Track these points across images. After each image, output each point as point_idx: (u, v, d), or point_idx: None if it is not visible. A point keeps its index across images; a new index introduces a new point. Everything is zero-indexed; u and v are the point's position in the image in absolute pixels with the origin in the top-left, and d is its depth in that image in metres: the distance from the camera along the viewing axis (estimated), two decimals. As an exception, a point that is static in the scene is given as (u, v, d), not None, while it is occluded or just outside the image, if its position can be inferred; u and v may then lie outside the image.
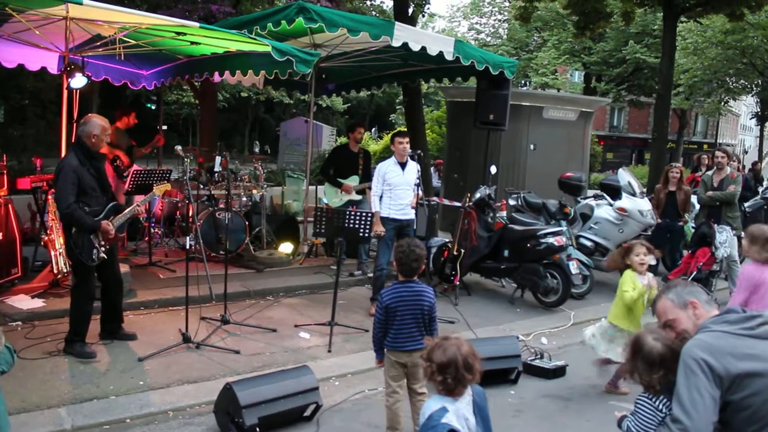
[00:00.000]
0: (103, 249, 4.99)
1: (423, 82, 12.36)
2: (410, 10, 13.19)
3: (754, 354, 2.31)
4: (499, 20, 33.97)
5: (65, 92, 6.04)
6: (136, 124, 8.59)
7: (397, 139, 6.73)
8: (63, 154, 5.47)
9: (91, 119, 5.08)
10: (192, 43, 6.49)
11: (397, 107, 34.43)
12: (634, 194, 8.26)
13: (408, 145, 6.70)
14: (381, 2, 17.88)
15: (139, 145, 8.54)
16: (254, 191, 8.51)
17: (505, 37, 32.86)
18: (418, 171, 6.69)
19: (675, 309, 2.61)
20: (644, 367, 2.51)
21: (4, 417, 3.00)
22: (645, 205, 8.16)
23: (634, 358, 2.56)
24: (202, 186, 8.28)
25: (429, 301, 3.82)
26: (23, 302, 5.89)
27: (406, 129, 12.70)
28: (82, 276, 5.07)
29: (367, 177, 8.12)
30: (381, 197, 6.64)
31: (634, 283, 4.73)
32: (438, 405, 2.45)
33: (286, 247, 8.31)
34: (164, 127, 9.45)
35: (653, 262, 5.12)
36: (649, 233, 8.29)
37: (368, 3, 16.49)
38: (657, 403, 2.49)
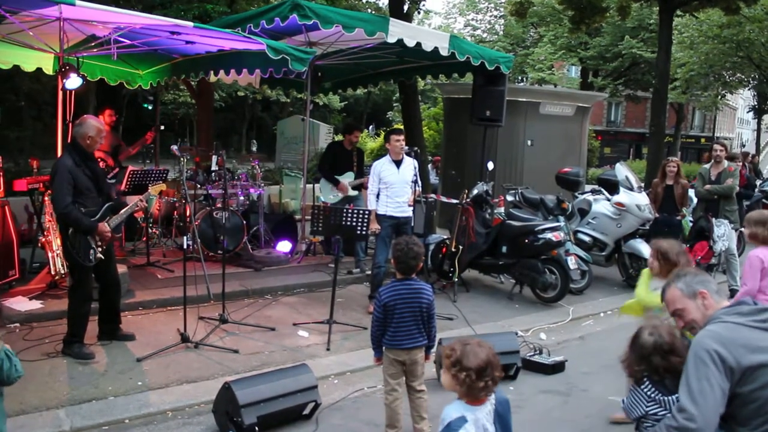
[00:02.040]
0: (99, 249, 4.98)
1: (419, 79, 12.34)
2: (406, 7, 13.19)
3: (765, 347, 2.30)
4: (495, 16, 34.02)
5: (60, 93, 6.02)
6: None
7: (393, 137, 6.68)
8: (59, 155, 5.45)
9: (86, 120, 5.09)
10: (187, 42, 6.49)
11: (395, 104, 34.44)
12: (631, 189, 8.25)
13: (404, 143, 6.68)
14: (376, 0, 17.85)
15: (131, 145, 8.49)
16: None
17: (501, 33, 32.91)
18: (416, 168, 6.68)
19: (684, 298, 2.58)
20: (633, 358, 2.60)
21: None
22: (643, 199, 8.15)
23: (630, 348, 2.62)
24: (199, 185, 8.27)
25: (427, 299, 3.81)
26: (21, 304, 5.88)
27: (402, 126, 12.71)
28: (80, 277, 5.06)
29: (360, 174, 8.26)
30: (378, 195, 6.63)
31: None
32: (458, 414, 2.39)
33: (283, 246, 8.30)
34: (162, 127, 9.41)
35: None
36: (647, 228, 8.29)
37: (363, 1, 16.45)
38: (644, 388, 2.58)
